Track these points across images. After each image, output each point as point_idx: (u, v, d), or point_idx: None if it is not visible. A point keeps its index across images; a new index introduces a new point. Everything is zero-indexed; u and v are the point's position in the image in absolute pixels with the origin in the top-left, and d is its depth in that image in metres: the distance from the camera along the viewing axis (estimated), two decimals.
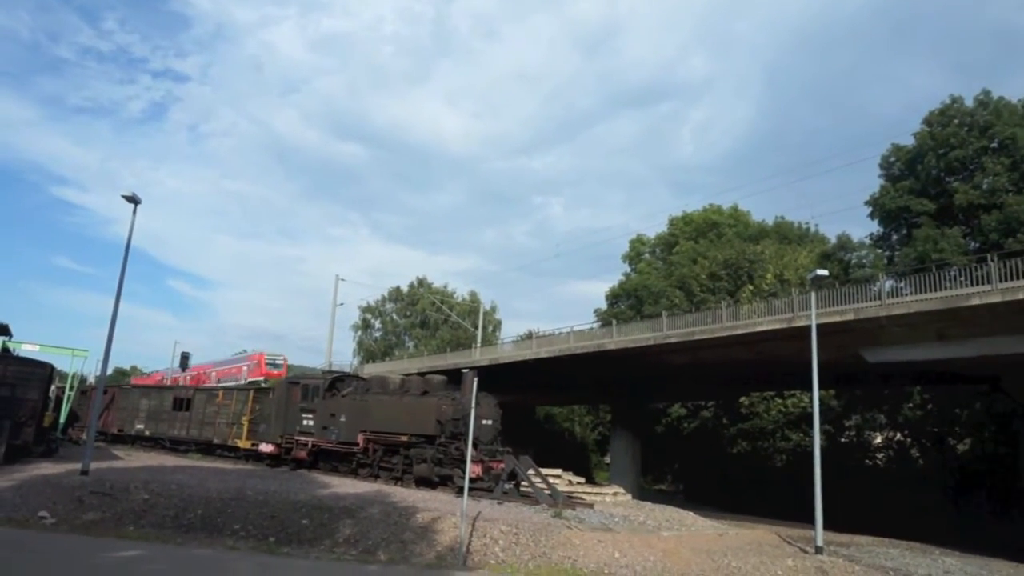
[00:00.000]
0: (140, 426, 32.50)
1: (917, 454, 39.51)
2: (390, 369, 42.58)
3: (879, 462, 41.61)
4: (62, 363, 29.49)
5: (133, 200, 19.21)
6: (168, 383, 64.50)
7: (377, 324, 70.60)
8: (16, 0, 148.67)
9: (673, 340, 26.74)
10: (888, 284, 23.72)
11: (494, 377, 30.14)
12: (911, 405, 38.03)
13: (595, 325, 39.54)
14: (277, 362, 50.99)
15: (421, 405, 20.87)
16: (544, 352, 32.99)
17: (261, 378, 47.23)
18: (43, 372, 22.38)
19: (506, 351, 36.91)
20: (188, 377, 57.81)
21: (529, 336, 41.01)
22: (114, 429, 33.44)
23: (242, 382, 46.60)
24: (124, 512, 14.01)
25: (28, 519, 13.08)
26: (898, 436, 40.99)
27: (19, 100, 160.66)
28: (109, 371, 22.44)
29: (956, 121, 32.20)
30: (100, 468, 18.68)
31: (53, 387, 26.10)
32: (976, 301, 18.81)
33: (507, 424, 21.03)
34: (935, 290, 20.09)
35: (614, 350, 29.24)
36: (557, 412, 59.97)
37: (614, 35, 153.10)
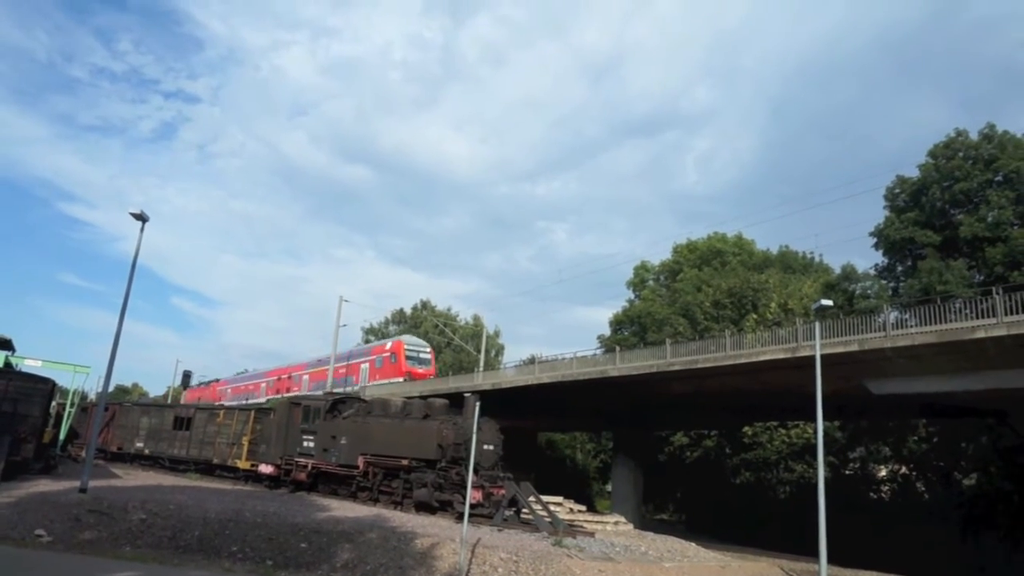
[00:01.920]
0: (140, 444, 32.35)
1: (923, 488, 39.06)
2: (392, 391, 42.41)
3: (884, 495, 41.13)
4: (64, 379, 29.48)
5: (141, 218, 19.37)
6: (241, 387, 61.76)
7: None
8: (35, 20, 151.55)
9: (676, 368, 26.61)
10: (893, 315, 23.67)
11: (496, 401, 30.02)
12: (916, 438, 37.68)
13: (598, 351, 39.44)
14: (422, 356, 42.74)
15: (422, 429, 20.75)
16: (546, 377, 32.85)
17: (399, 378, 40.73)
18: (45, 388, 22.36)
19: (508, 375, 36.75)
20: (266, 384, 56.49)
21: (532, 361, 40.82)
22: (114, 447, 33.29)
23: (357, 388, 41.61)
24: (121, 532, 13.90)
25: (25, 537, 12.98)
26: (903, 469, 40.56)
27: (32, 117, 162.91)
28: (111, 388, 22.41)
29: (961, 154, 32.38)
30: (98, 486, 18.57)
31: (54, 403, 26.06)
32: (981, 334, 18.73)
33: (508, 450, 20.89)
34: (940, 322, 20.01)
35: (617, 377, 29.10)
36: (559, 438, 59.54)
37: (620, 65, 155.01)
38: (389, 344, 45.59)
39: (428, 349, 45.24)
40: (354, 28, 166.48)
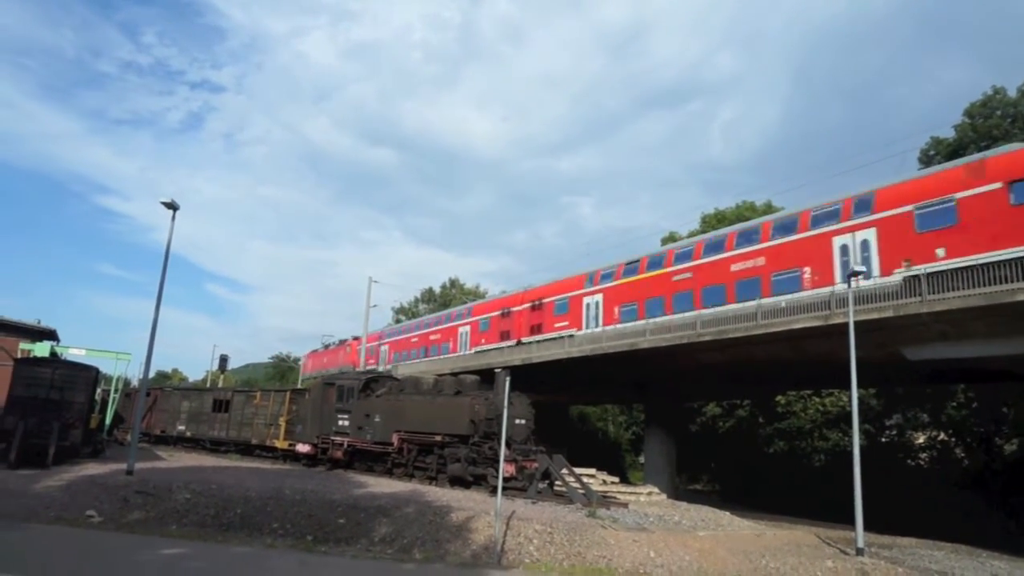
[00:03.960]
0: (181, 427, 33.26)
1: (962, 454, 38.43)
2: (423, 369, 42.87)
3: (922, 462, 40.59)
4: (106, 366, 30.39)
5: (172, 206, 19.72)
6: (415, 339, 51.58)
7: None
8: (61, 18, 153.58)
9: (707, 339, 26.42)
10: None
11: (527, 376, 30.17)
12: (955, 404, 37.01)
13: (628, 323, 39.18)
14: None
15: (454, 405, 21.00)
16: (576, 351, 32.87)
17: None
18: (89, 375, 23.06)
19: (538, 350, 36.83)
20: (470, 328, 44.32)
21: (562, 336, 40.81)
22: (157, 430, 34.28)
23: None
24: (167, 511, 14.37)
25: (77, 518, 13.49)
26: (942, 435, 39.92)
27: (64, 113, 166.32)
28: (151, 374, 23.02)
29: (999, 112, 31.31)
30: (144, 468, 19.20)
31: (99, 390, 26.86)
32: (1022, 297, 18.23)
33: (540, 423, 21.05)
34: (979, 285, 19.50)
35: (647, 349, 29.00)
36: (590, 411, 59.74)
37: (641, 36, 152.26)
38: None
39: None
40: (373, 11, 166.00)
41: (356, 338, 57.58)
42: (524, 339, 38.26)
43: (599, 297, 34.10)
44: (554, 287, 37.83)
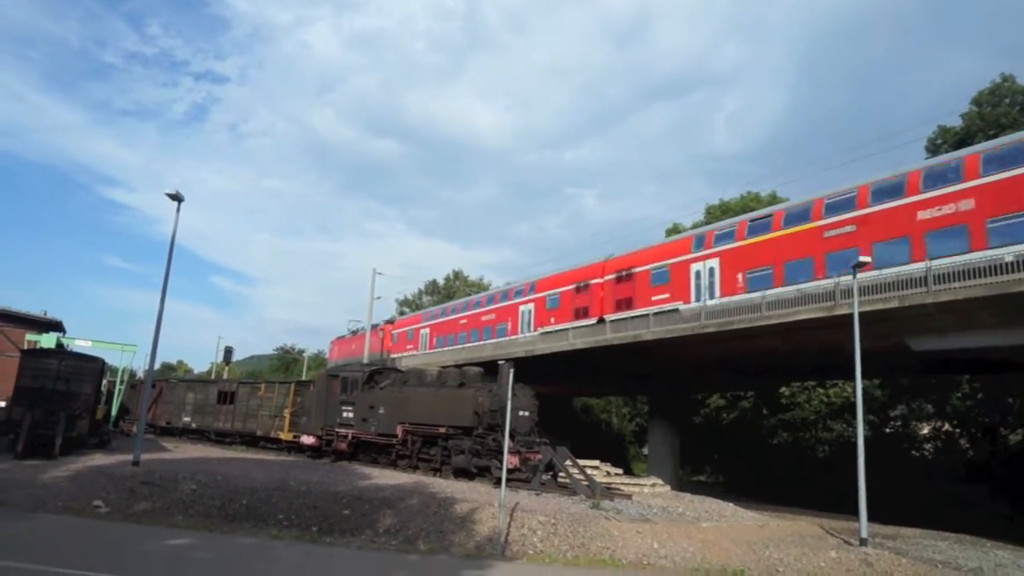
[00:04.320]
0: (187, 419, 33.42)
1: (966, 445, 38.39)
2: (427, 361, 42.94)
3: (927, 453, 40.56)
4: (112, 358, 30.53)
5: (176, 198, 19.73)
6: (460, 321, 45.00)
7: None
8: (66, 9, 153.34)
9: (711, 330, 26.36)
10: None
11: (531, 368, 30.18)
12: (960, 394, 36.95)
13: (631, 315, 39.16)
14: None
15: (458, 397, 21.04)
16: (580, 343, 32.86)
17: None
18: (95, 367, 23.16)
19: (542, 343, 36.84)
20: (534, 306, 38.84)
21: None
22: (162, 422, 34.45)
23: None
24: (173, 502, 14.46)
25: (84, 508, 13.59)
26: (946, 426, 39.87)
27: (69, 105, 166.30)
28: (156, 366, 23.10)
29: (1007, 100, 31.09)
30: (150, 459, 19.30)
31: (105, 381, 26.99)
32: None
33: (544, 415, 21.07)
34: (984, 276, 19.40)
35: (650, 340, 28.98)
36: (594, 403, 59.78)
37: (645, 26, 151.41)
38: None
39: None
40: (377, 1, 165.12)
41: (390, 321, 53.93)
42: (609, 316, 32.69)
43: (714, 263, 28.65)
44: (648, 254, 32.39)
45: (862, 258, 17.81)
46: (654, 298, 30.71)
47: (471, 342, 43.19)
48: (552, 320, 36.97)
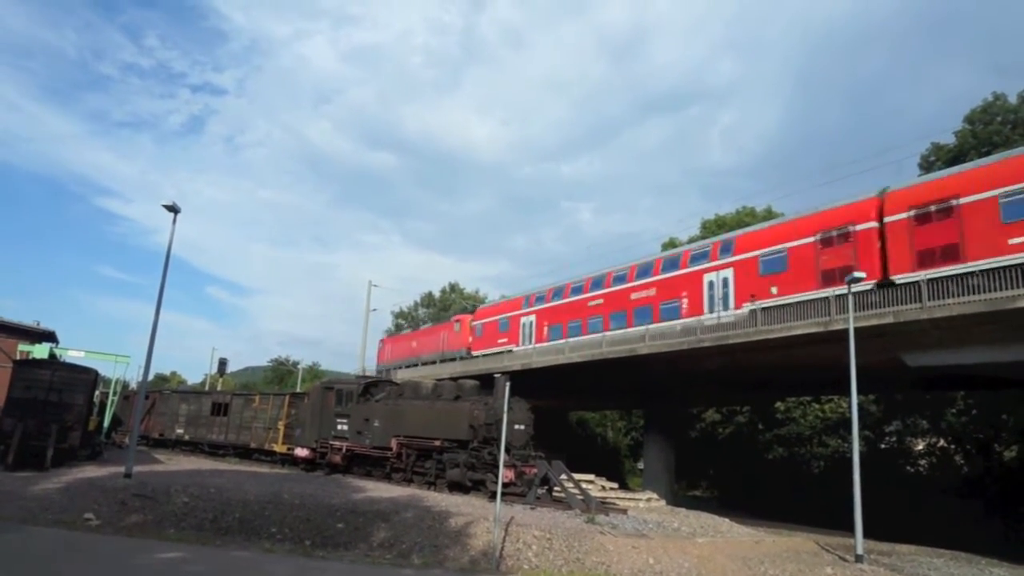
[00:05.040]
0: (180, 431, 33.19)
1: (961, 461, 38.42)
2: (423, 374, 42.84)
3: (921, 469, 40.56)
4: (105, 369, 30.36)
5: (173, 209, 19.73)
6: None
7: (409, 330, 71.14)
8: (63, 19, 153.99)
9: (707, 344, 26.40)
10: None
11: (526, 382, 30.13)
12: (955, 410, 37.02)
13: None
14: None
15: (454, 410, 20.97)
16: (576, 357, 32.84)
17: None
18: (88, 378, 23.02)
19: (538, 356, 36.82)
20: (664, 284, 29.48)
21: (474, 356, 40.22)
22: (155, 433, 34.20)
23: None
24: (165, 515, 14.34)
25: (75, 520, 13.46)
26: (941, 442, 39.90)
27: (66, 116, 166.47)
28: (150, 377, 22.98)
29: (999, 119, 31.40)
30: (142, 472, 19.15)
31: (97, 392, 26.83)
32: (1023, 303, 18.24)
33: (539, 429, 21.02)
34: (979, 292, 19.50)
35: (647, 354, 28.99)
36: (590, 417, 59.69)
37: (642, 41, 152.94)
38: None
39: None
40: (374, 15, 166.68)
41: (469, 311, 44.94)
42: (898, 276, 21.52)
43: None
44: (975, 174, 20.73)
45: (857, 273, 17.90)
46: (1012, 241, 19.18)
47: (610, 329, 31.73)
48: (774, 291, 25.03)
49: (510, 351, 39.31)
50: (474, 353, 42.09)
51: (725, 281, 26.95)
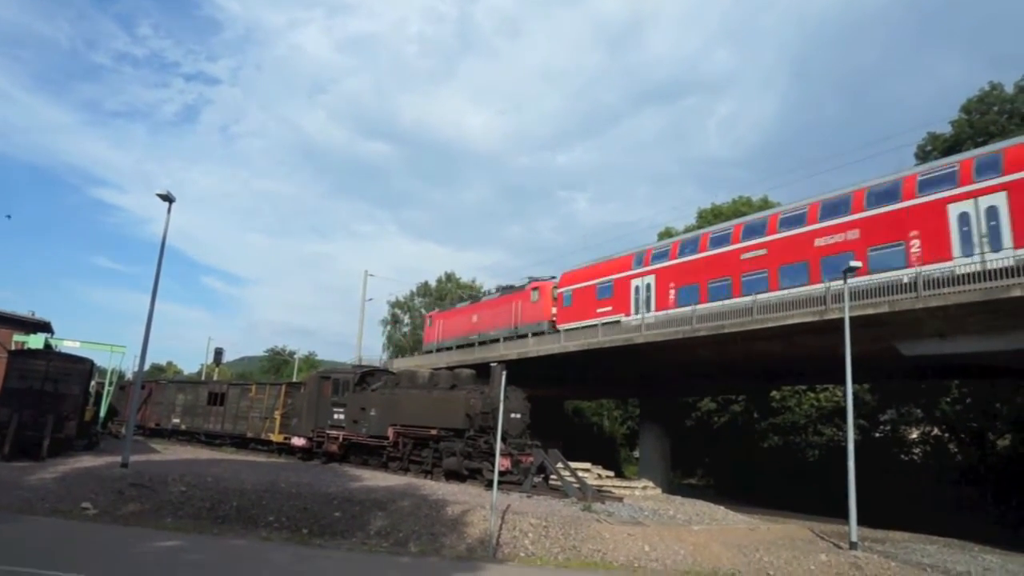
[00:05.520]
0: (176, 420, 33.22)
1: (955, 449, 38.63)
2: (419, 363, 42.86)
3: (916, 457, 40.79)
4: (101, 359, 30.28)
5: (167, 198, 19.63)
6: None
7: (406, 319, 71.07)
8: (56, 9, 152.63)
9: (702, 334, 26.44)
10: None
11: (523, 371, 30.17)
12: (949, 399, 37.19)
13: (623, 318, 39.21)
14: None
15: (450, 399, 21.00)
16: (572, 346, 32.85)
17: None
18: (84, 368, 22.99)
19: (534, 344, 36.83)
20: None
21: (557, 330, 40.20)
22: (152, 423, 34.22)
23: None
24: (162, 504, 14.36)
25: (72, 510, 13.47)
26: (935, 431, 40.11)
27: (59, 106, 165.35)
28: (146, 367, 22.97)
29: (996, 108, 31.36)
30: (139, 461, 19.17)
31: (93, 382, 26.80)
32: (1017, 292, 18.26)
33: (536, 418, 21.07)
34: (974, 281, 19.53)
35: (642, 344, 29.00)
36: (586, 406, 59.84)
37: (638, 31, 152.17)
38: None
39: None
40: (369, 4, 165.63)
41: (553, 277, 36.74)
42: None
43: None
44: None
45: (853, 263, 17.91)
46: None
47: (781, 287, 24.26)
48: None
49: (617, 322, 31.03)
50: (561, 327, 34.24)
51: (992, 212, 19.31)
